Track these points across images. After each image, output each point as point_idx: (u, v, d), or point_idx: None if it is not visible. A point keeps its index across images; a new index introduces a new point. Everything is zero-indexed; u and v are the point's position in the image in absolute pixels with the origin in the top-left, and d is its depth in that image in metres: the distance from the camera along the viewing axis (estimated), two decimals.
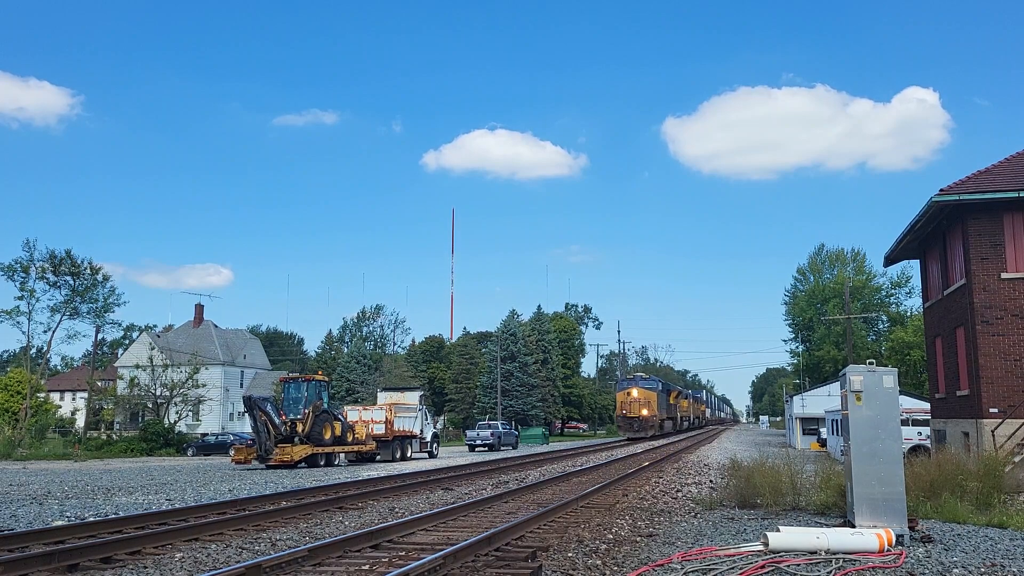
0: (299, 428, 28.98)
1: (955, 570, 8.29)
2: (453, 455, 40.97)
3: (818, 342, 73.63)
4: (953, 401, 22.46)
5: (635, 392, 60.29)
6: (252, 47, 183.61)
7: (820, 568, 8.34)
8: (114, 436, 55.36)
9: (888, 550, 9.23)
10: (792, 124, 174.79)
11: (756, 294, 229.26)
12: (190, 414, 62.67)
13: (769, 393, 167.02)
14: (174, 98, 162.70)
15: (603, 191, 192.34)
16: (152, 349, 60.04)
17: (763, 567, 8.32)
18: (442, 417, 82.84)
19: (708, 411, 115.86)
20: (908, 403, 35.41)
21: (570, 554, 9.21)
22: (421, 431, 38.13)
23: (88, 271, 54.83)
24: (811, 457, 30.82)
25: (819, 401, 47.59)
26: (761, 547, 9.19)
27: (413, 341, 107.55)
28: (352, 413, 35.33)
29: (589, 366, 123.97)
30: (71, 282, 54.20)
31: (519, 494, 16.21)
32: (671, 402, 70.52)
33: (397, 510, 13.88)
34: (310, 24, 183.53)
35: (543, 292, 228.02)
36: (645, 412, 59.40)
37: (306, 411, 29.40)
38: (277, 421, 28.57)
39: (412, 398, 39.64)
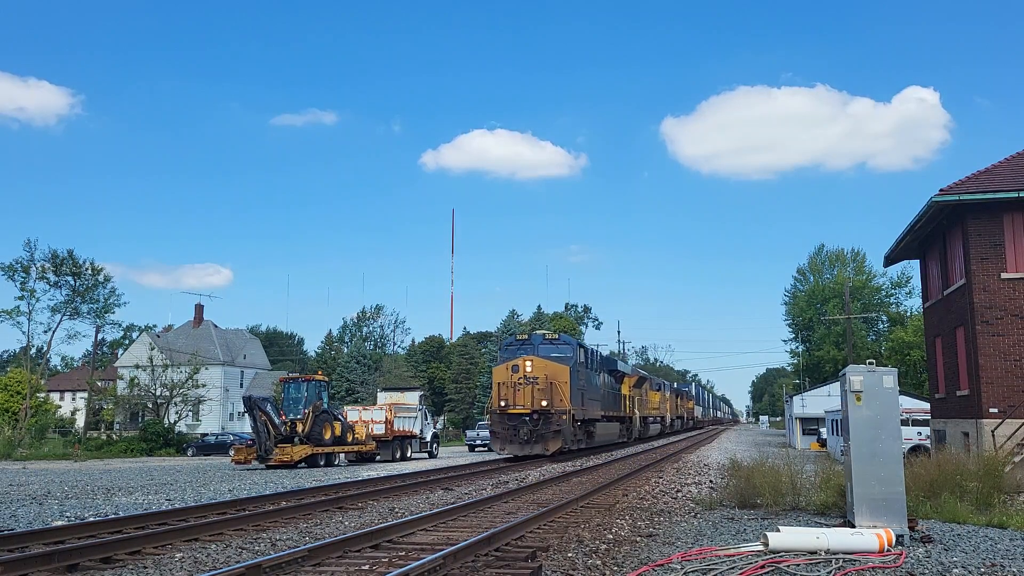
0: (299, 428, 29.00)
1: (955, 570, 8.29)
2: (453, 455, 40.97)
3: (818, 342, 73.63)
4: (953, 401, 22.46)
5: (528, 366, 30.30)
6: (251, 47, 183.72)
7: (820, 568, 8.34)
8: (114, 436, 55.36)
9: (888, 550, 9.23)
10: (792, 124, 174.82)
11: (756, 294, 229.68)
12: (190, 414, 62.67)
13: (769, 393, 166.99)
14: (174, 98, 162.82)
15: (603, 191, 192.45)
16: (152, 349, 60.05)
17: (763, 567, 8.32)
18: (442, 417, 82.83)
19: (700, 409, 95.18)
20: (908, 403, 35.43)
21: (570, 554, 9.21)
22: (421, 431, 38.16)
23: (89, 271, 54.89)
24: (811, 457, 30.82)
25: (819, 401, 47.59)
26: (761, 547, 9.20)
27: (413, 341, 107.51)
28: (352, 413, 35.34)
29: None
30: (72, 282, 54.25)
31: (519, 494, 16.21)
32: (624, 392, 42.52)
33: (397, 510, 13.87)
34: (309, 24, 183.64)
35: (543, 292, 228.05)
36: (544, 403, 29.69)
37: (306, 411, 29.42)
38: (277, 421, 28.59)
39: (412, 398, 39.68)
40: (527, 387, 29.74)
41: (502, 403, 29.82)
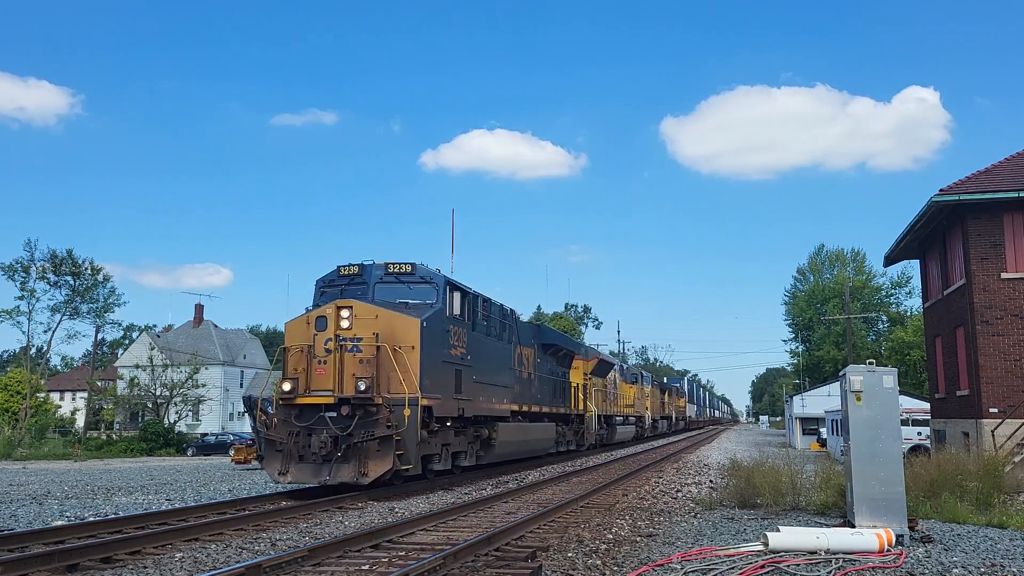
0: None
1: (955, 570, 8.30)
2: None
3: (818, 342, 73.66)
4: (953, 401, 22.46)
5: (345, 317, 16.10)
6: (251, 47, 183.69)
7: (820, 568, 8.35)
8: (114, 436, 55.38)
9: (888, 550, 9.24)
10: (791, 124, 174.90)
11: (756, 294, 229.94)
12: (190, 414, 62.68)
13: (769, 393, 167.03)
14: (174, 98, 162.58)
15: (603, 191, 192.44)
16: (152, 349, 60.06)
17: (763, 567, 8.33)
18: None
19: (693, 408, 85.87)
20: (908, 403, 35.43)
21: (570, 554, 9.21)
22: None
23: (89, 271, 54.92)
24: (811, 457, 30.84)
25: (819, 401, 47.61)
26: (761, 547, 9.20)
27: None
28: None
29: None
30: (71, 282, 54.27)
31: (519, 494, 16.21)
32: (573, 380, 30.24)
33: (397, 510, 13.88)
34: (309, 24, 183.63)
35: (543, 292, 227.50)
36: (362, 387, 15.54)
37: None
38: None
39: None
40: (337, 356, 15.95)
41: (286, 386, 16.05)
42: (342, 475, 15.28)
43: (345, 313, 16.10)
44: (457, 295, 18.48)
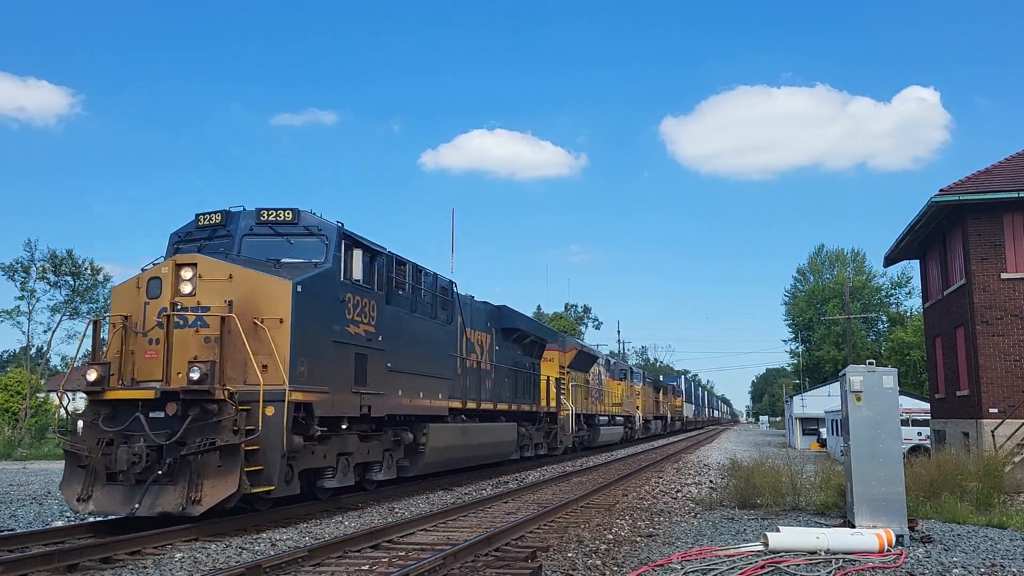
0: None
1: (955, 570, 8.30)
2: None
3: (818, 342, 73.65)
4: (953, 401, 22.47)
5: (188, 279, 11.54)
6: (251, 47, 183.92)
7: (820, 568, 8.35)
8: None
9: (888, 550, 9.24)
10: (791, 124, 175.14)
11: (756, 294, 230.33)
12: None
13: (769, 393, 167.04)
14: (174, 98, 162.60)
15: (603, 191, 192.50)
16: None
17: (763, 567, 8.33)
18: None
19: (691, 408, 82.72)
20: (908, 403, 35.43)
21: (570, 554, 9.21)
22: None
23: (89, 271, 54.92)
24: (811, 457, 30.84)
25: (819, 401, 47.60)
26: (761, 547, 9.20)
27: None
28: None
29: None
30: (71, 282, 54.26)
31: (519, 494, 16.21)
32: (545, 372, 26.23)
33: (397, 510, 13.88)
34: (309, 24, 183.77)
35: (543, 292, 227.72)
36: (196, 375, 10.78)
37: None
38: None
39: None
40: (168, 333, 11.50)
41: (91, 375, 11.53)
42: (163, 502, 10.69)
43: (187, 273, 11.71)
44: (359, 253, 13.65)
